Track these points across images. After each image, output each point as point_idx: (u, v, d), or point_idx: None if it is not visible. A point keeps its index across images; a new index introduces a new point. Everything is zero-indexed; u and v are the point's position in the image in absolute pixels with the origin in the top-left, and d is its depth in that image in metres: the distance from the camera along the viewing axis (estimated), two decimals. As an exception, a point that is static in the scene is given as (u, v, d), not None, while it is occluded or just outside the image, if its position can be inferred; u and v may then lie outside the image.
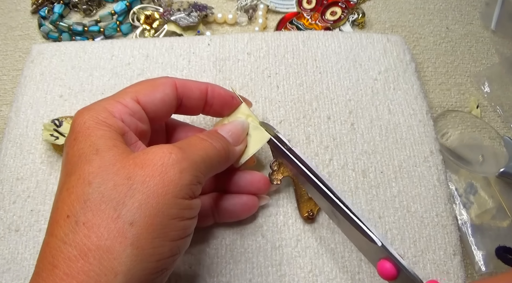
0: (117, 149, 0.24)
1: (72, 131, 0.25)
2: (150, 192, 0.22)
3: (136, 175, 0.23)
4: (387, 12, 0.50)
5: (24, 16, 0.49)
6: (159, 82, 0.29)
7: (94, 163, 0.23)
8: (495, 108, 0.45)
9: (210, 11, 0.48)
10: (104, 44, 0.42)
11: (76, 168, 0.24)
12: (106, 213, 0.22)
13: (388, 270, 0.26)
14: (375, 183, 0.36)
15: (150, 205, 0.22)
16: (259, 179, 0.33)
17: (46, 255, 0.22)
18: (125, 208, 0.22)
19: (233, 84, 0.40)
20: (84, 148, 0.24)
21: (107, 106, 0.26)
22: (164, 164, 0.23)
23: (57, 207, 0.23)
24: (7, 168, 0.36)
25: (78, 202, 0.22)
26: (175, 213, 0.23)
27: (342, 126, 0.38)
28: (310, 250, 0.34)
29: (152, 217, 0.22)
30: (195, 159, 0.25)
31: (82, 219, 0.22)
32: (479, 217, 0.38)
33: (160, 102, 0.28)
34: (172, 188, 0.23)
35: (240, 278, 0.32)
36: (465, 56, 0.48)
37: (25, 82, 0.40)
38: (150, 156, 0.24)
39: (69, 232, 0.22)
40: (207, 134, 0.29)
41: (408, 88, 0.41)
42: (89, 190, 0.22)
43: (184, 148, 0.25)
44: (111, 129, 0.25)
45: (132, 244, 0.21)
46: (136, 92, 0.28)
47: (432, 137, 0.38)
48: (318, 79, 0.41)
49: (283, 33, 0.43)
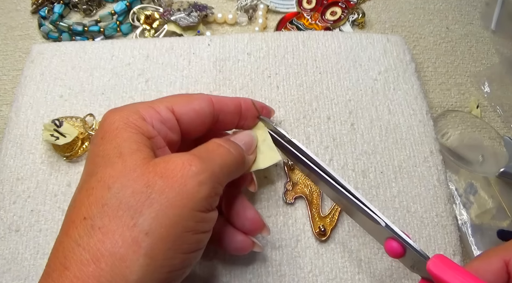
0: (140, 153, 0.24)
1: (100, 130, 0.26)
2: (168, 203, 0.22)
3: (155, 184, 0.23)
4: (387, 12, 0.50)
5: (24, 16, 0.49)
6: (196, 96, 0.29)
7: (115, 166, 0.23)
8: (495, 108, 0.45)
9: (210, 11, 0.48)
10: (104, 44, 0.42)
11: (98, 169, 0.24)
12: (122, 220, 0.22)
13: (394, 249, 0.27)
14: (375, 183, 0.36)
15: (167, 216, 0.22)
16: (257, 220, 0.31)
17: (58, 254, 0.22)
18: (142, 217, 0.22)
19: (233, 84, 0.40)
20: (109, 149, 0.24)
21: (140, 110, 0.26)
22: (184, 175, 0.23)
23: (74, 206, 0.23)
24: (7, 168, 0.36)
25: (96, 206, 0.22)
26: (191, 226, 0.23)
27: (342, 127, 0.38)
28: (310, 250, 0.34)
29: (168, 228, 0.22)
30: (214, 169, 0.25)
31: (98, 223, 0.22)
32: (479, 217, 0.38)
33: (195, 114, 0.28)
34: (190, 201, 0.23)
35: (240, 278, 0.33)
36: (465, 56, 0.48)
37: (25, 82, 0.40)
38: (170, 165, 0.24)
39: (84, 235, 0.22)
40: (225, 141, 0.28)
41: (408, 89, 0.41)
42: (108, 195, 0.22)
43: (203, 157, 0.25)
44: (138, 132, 0.25)
45: (145, 254, 0.21)
46: (172, 102, 0.28)
47: (432, 137, 0.38)
48: (318, 80, 0.41)
49: (283, 33, 0.43)
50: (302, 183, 0.35)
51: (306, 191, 0.35)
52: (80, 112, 0.39)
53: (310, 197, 0.35)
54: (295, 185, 0.35)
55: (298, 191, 0.35)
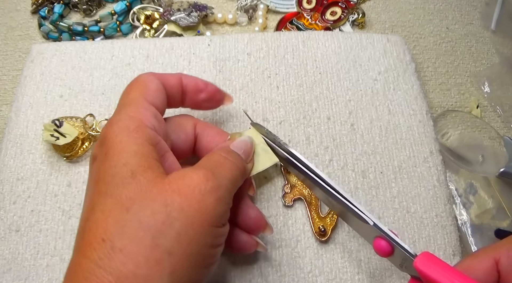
0: (151, 171, 0.24)
1: (102, 145, 0.25)
2: (188, 221, 0.22)
3: (174, 202, 0.23)
4: (387, 12, 0.50)
5: (24, 16, 0.49)
6: (145, 81, 0.29)
7: (130, 187, 0.23)
8: (495, 108, 0.45)
9: (210, 11, 0.48)
10: (104, 44, 0.42)
11: (111, 189, 0.23)
12: (144, 241, 0.21)
13: (383, 247, 0.27)
14: (374, 183, 0.36)
15: (188, 235, 0.22)
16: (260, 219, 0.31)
17: (78, 276, 0.21)
18: (163, 237, 0.22)
19: (233, 84, 0.40)
20: (118, 166, 0.24)
21: (134, 115, 0.26)
22: (202, 192, 0.23)
23: (89, 227, 0.23)
24: (7, 168, 0.36)
25: (115, 227, 0.22)
26: (210, 241, 0.24)
27: (342, 127, 0.38)
28: (310, 250, 0.34)
29: (189, 246, 0.22)
30: (227, 185, 0.25)
31: (119, 245, 0.21)
32: (479, 217, 0.38)
33: (161, 94, 0.29)
34: (209, 217, 0.23)
35: (240, 278, 0.33)
36: (465, 56, 0.48)
37: (25, 82, 0.40)
38: (186, 181, 0.24)
39: (104, 257, 0.21)
40: (228, 153, 0.28)
41: (408, 89, 0.41)
42: (126, 216, 0.22)
43: (216, 172, 0.25)
44: (144, 143, 0.25)
45: (170, 274, 0.21)
46: (143, 95, 0.28)
47: (432, 137, 0.38)
48: (318, 80, 0.41)
49: (283, 33, 0.43)
50: (300, 185, 0.35)
51: (304, 193, 0.35)
52: (80, 112, 0.39)
53: (309, 198, 0.35)
54: (293, 187, 0.35)
55: (297, 193, 0.35)
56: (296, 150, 0.37)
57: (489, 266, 0.25)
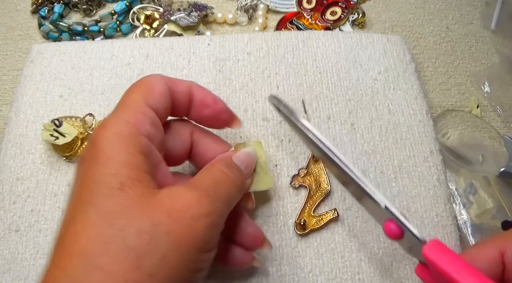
0: (141, 185, 0.22)
1: (92, 148, 0.23)
2: (175, 245, 0.21)
3: (161, 223, 0.21)
4: (387, 12, 0.50)
5: (24, 16, 0.49)
6: (151, 81, 0.27)
7: (117, 200, 0.22)
8: (495, 108, 0.45)
9: (210, 11, 0.48)
10: (104, 44, 0.42)
11: (96, 199, 0.22)
12: (127, 261, 0.20)
13: (392, 230, 0.27)
14: (375, 183, 0.36)
15: (173, 259, 0.21)
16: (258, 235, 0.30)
17: None
18: (147, 258, 0.20)
19: (233, 84, 0.40)
20: (106, 174, 0.22)
21: (130, 120, 0.24)
22: (193, 216, 0.22)
23: (69, 238, 0.21)
24: (7, 168, 0.36)
25: (96, 243, 0.20)
26: (194, 266, 0.23)
27: (342, 127, 0.38)
28: (310, 250, 0.34)
29: (173, 270, 0.21)
30: (222, 208, 0.24)
31: (99, 262, 0.20)
32: (479, 217, 0.38)
33: (164, 98, 0.27)
34: (197, 242, 0.22)
35: (240, 278, 0.32)
36: (465, 56, 0.48)
37: (25, 82, 0.40)
38: (178, 202, 0.22)
39: (82, 273, 0.20)
40: (229, 167, 0.27)
41: (408, 88, 0.41)
42: (109, 232, 0.21)
43: (211, 193, 0.24)
44: (135, 152, 0.23)
45: None
46: (143, 96, 0.26)
47: (432, 137, 0.38)
48: (318, 79, 0.41)
49: (283, 33, 0.43)
50: (314, 177, 0.36)
51: (312, 186, 0.35)
52: (80, 112, 0.39)
53: (313, 192, 0.35)
54: (307, 175, 0.36)
55: (307, 181, 0.35)
56: (296, 149, 0.37)
57: (493, 256, 0.25)
